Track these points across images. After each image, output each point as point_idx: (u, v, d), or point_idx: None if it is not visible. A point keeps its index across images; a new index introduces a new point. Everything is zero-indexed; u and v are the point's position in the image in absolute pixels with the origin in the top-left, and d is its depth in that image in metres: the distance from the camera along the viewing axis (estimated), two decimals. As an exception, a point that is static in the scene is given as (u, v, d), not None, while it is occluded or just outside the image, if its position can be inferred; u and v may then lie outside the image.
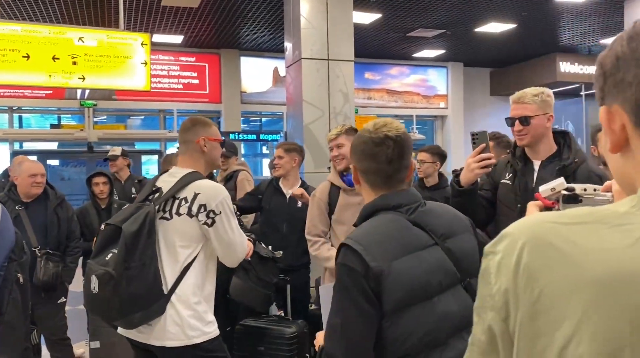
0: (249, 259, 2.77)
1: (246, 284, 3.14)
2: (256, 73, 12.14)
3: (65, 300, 3.77)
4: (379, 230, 1.51)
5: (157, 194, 2.26)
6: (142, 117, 12.56)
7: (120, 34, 6.25)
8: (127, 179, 5.55)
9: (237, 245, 2.27)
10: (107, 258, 2.10)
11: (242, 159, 11.50)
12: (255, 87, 12.18)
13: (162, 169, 3.84)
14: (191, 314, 2.17)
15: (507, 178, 2.44)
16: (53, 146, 11.53)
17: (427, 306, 1.47)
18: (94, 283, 2.06)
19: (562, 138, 2.44)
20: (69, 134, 10.50)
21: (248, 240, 2.45)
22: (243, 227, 2.86)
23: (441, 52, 12.47)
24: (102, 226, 2.21)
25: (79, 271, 4.13)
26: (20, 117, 11.35)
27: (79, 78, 6.04)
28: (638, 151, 0.69)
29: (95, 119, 11.06)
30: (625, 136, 0.70)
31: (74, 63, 6.00)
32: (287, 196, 3.95)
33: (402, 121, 14.03)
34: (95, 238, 4.18)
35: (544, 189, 1.29)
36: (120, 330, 2.30)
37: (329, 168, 5.68)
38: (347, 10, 6.68)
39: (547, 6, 9.23)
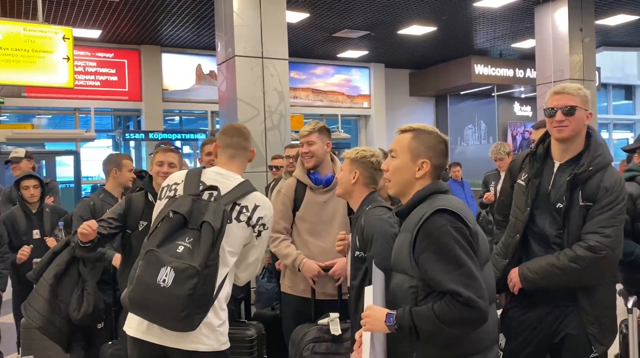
0: None
1: None
2: (178, 70, 11.79)
3: (-1, 309, 3.48)
4: (456, 203, 1.77)
5: (214, 193, 2.16)
6: (50, 116, 11.81)
7: (40, 27, 5.84)
8: None
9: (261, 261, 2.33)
10: (179, 251, 1.98)
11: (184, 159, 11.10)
12: (178, 84, 11.83)
13: (107, 170, 3.65)
14: (224, 321, 2.16)
15: (522, 178, 2.37)
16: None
17: (489, 267, 1.82)
18: (166, 276, 1.92)
19: (587, 138, 2.28)
20: (-27, 134, 9.64)
21: None
22: None
23: (364, 53, 12.74)
24: (170, 214, 2.06)
25: None
26: None
27: (-7, 73, 5.59)
28: None
29: (-1, 118, 10.28)
30: None
31: (-13, 57, 5.54)
32: None
33: (326, 120, 14.19)
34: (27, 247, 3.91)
35: None
36: (134, 331, 2.13)
37: (271, 166, 5.63)
38: (280, 8, 6.64)
39: (465, 11, 9.69)
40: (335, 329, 2.70)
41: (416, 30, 10.65)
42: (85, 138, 10.66)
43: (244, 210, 2.19)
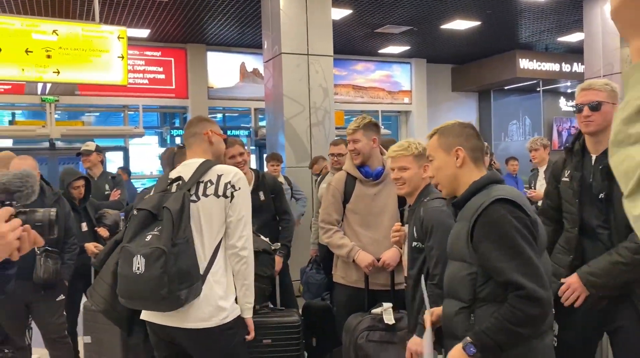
0: None
1: None
2: (223, 68, 12.03)
3: (64, 297, 3.67)
4: (514, 192, 1.82)
5: (179, 182, 2.29)
6: (97, 114, 12.22)
7: (96, 27, 6.10)
8: (101, 175, 5.38)
9: (250, 224, 2.32)
10: (147, 240, 2.12)
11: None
12: (222, 82, 12.07)
13: (165, 164, 3.82)
14: (223, 295, 2.23)
15: (566, 175, 2.46)
16: (7, 143, 11.07)
17: (546, 255, 1.83)
18: (139, 264, 2.07)
19: None
20: (30, 131, 10.11)
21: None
22: None
23: (406, 48, 12.69)
24: (135, 211, 2.25)
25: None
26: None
27: (54, 72, 5.86)
28: None
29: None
30: None
31: (48, 56, 5.83)
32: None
33: (368, 116, 14.18)
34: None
35: None
36: (147, 315, 2.29)
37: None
38: (325, 5, 6.73)
39: (510, 4, 9.55)
40: (389, 318, 2.76)
41: (459, 24, 10.55)
42: (134, 134, 11.03)
43: (209, 184, 2.27)
